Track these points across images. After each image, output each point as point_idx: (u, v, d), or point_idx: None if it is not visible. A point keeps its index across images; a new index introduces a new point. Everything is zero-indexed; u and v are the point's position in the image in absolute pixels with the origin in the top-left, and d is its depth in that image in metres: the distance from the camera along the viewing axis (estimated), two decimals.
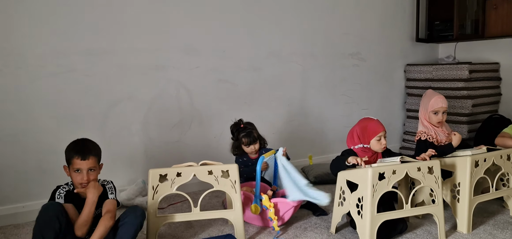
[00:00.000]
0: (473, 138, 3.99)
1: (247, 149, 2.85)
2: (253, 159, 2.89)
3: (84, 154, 2.01)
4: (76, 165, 2.01)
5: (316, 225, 2.58)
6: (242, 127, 2.86)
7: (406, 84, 4.58)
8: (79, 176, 2.01)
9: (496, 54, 4.34)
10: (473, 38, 4.32)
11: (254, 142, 2.85)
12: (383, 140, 2.35)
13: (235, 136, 2.87)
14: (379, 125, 2.36)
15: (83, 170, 2.01)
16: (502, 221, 2.58)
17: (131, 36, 2.98)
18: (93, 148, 2.08)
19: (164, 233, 2.48)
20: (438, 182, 2.26)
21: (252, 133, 2.85)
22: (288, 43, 3.73)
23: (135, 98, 3.04)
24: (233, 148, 2.91)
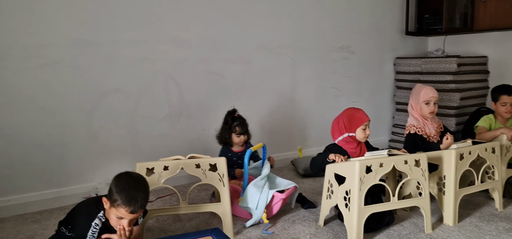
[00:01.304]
0: (461, 130, 4.03)
1: (237, 138, 2.84)
2: (237, 152, 2.89)
3: (135, 206, 1.75)
4: (122, 214, 1.76)
5: (305, 217, 2.59)
6: (236, 116, 2.87)
7: (396, 77, 4.60)
8: (120, 221, 1.78)
9: (484, 47, 4.37)
10: (462, 31, 4.34)
11: (245, 133, 2.86)
12: (368, 130, 2.41)
13: (229, 124, 2.86)
14: (364, 114, 2.42)
15: (126, 220, 1.78)
16: (487, 213, 2.61)
17: (119, 28, 2.95)
18: (145, 197, 1.80)
19: (152, 226, 2.47)
20: (424, 175, 2.28)
21: (246, 124, 2.87)
22: (278, 35, 3.72)
23: (123, 90, 3.01)
24: (222, 135, 2.89)
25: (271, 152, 3.63)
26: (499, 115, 3.01)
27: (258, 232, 2.37)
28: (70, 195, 2.82)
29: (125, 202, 1.74)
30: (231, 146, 2.89)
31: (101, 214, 1.84)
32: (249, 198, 2.45)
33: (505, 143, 2.75)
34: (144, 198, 1.79)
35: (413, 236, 2.30)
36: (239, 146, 2.90)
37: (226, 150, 2.88)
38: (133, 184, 1.79)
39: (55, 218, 2.52)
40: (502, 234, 2.31)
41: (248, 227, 2.44)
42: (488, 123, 2.99)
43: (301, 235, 2.33)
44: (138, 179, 1.83)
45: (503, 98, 2.95)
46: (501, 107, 2.96)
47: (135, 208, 1.75)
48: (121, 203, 1.74)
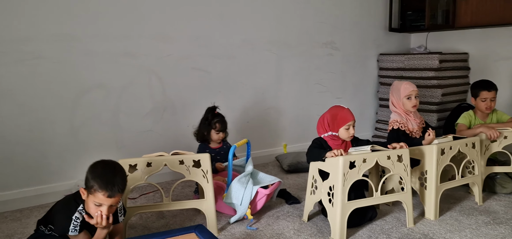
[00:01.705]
0: (442, 126, 4.09)
1: (216, 135, 2.83)
2: (215, 148, 2.87)
3: (112, 190, 1.73)
4: (99, 200, 1.73)
5: (289, 213, 2.60)
6: (216, 113, 2.86)
7: (379, 73, 4.64)
8: (98, 209, 1.76)
9: (466, 44, 4.44)
10: (444, 28, 4.40)
11: (224, 131, 2.86)
12: (352, 129, 2.37)
13: (209, 120, 2.84)
14: (349, 114, 2.38)
15: (105, 205, 1.76)
16: (467, 207, 2.66)
17: (101, 22, 2.90)
18: (122, 181, 1.79)
19: (135, 224, 2.45)
20: (407, 170, 2.31)
21: (225, 121, 2.87)
22: (263, 31, 3.71)
23: (105, 86, 2.97)
24: (200, 132, 2.86)
25: (256, 148, 3.63)
26: (479, 111, 3.05)
27: (242, 228, 2.37)
28: (51, 192, 2.77)
29: (102, 186, 1.72)
30: (209, 143, 2.88)
31: (81, 207, 1.82)
32: (233, 194, 2.44)
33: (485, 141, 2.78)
34: (121, 182, 1.77)
35: (395, 230, 2.33)
36: (216, 143, 2.89)
37: (204, 146, 2.86)
38: (109, 169, 1.78)
39: (36, 216, 2.48)
40: (481, 227, 2.35)
41: (233, 223, 2.44)
42: (468, 120, 3.04)
43: (285, 231, 2.34)
44: (114, 165, 1.82)
45: (483, 94, 2.98)
46: (481, 103, 2.99)
47: (112, 191, 1.73)
48: (98, 187, 1.72)
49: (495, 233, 2.28)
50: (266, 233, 2.31)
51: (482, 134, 2.78)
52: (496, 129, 2.78)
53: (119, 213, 1.96)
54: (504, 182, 2.86)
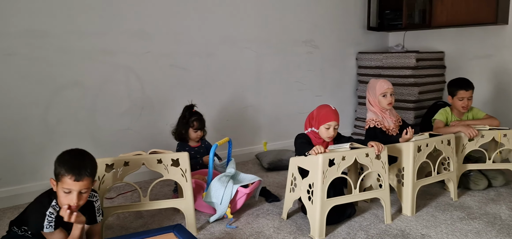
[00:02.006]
0: (419, 123, 4.16)
1: (194, 134, 2.82)
2: (194, 147, 2.86)
3: (79, 173, 1.69)
4: (67, 185, 1.70)
5: (268, 211, 2.60)
6: (194, 111, 2.84)
7: (358, 71, 4.69)
8: (68, 197, 1.71)
9: (442, 43, 4.53)
10: (421, 27, 4.48)
11: (202, 129, 2.85)
12: (332, 131, 2.37)
13: (187, 119, 2.82)
14: (332, 114, 2.38)
15: (74, 191, 1.71)
16: (443, 202, 2.71)
17: (76, 18, 2.84)
18: (90, 165, 1.76)
19: (112, 224, 2.41)
20: (385, 167, 2.34)
21: (203, 120, 2.85)
22: (242, 29, 3.70)
23: (81, 84, 2.91)
24: (178, 130, 2.85)
25: (236, 147, 3.62)
26: (456, 109, 3.11)
27: (222, 227, 2.36)
28: (25, 193, 2.70)
29: (69, 170, 1.69)
30: (187, 141, 2.86)
31: (54, 202, 1.78)
32: (213, 193, 2.43)
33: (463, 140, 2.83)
34: (89, 165, 1.75)
35: (373, 227, 2.36)
36: (195, 142, 2.88)
37: (183, 145, 2.84)
38: (76, 154, 1.76)
39: (8, 218, 2.41)
40: (456, 222, 2.41)
41: (212, 222, 2.42)
42: (445, 116, 3.09)
43: (265, 229, 2.34)
44: (81, 150, 1.80)
45: (461, 93, 3.00)
46: (459, 101, 3.03)
47: (80, 175, 1.70)
48: (65, 172, 1.69)
49: (470, 228, 2.33)
50: (245, 232, 2.31)
51: (461, 133, 2.83)
52: (474, 128, 2.82)
53: (97, 213, 1.92)
54: (477, 179, 2.93)
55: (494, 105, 4.13)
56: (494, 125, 2.97)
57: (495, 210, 2.58)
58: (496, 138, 2.84)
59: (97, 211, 1.91)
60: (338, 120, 2.39)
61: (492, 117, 3.05)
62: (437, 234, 2.25)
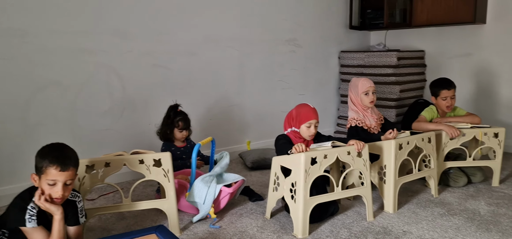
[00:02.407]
0: (400, 121, 4.22)
1: (179, 134, 2.80)
2: (179, 147, 2.85)
3: (64, 163, 1.68)
4: (52, 176, 1.68)
5: (252, 210, 2.60)
6: (178, 111, 2.82)
7: (340, 70, 4.72)
8: (53, 189, 1.69)
9: (422, 42, 4.60)
10: (402, 26, 4.54)
11: (187, 129, 2.83)
12: (313, 129, 2.39)
13: (171, 119, 2.80)
14: (312, 112, 2.40)
15: (59, 183, 1.70)
16: (424, 199, 2.76)
17: (56, 17, 2.78)
18: (73, 155, 1.76)
19: (94, 226, 2.37)
20: (366, 165, 2.36)
21: (188, 119, 2.83)
22: (225, 28, 3.69)
23: (61, 84, 2.86)
24: (163, 131, 2.82)
25: (219, 146, 3.61)
26: (440, 109, 3.13)
27: (205, 227, 2.35)
28: (3, 195, 2.63)
29: (53, 160, 1.68)
30: (173, 141, 2.84)
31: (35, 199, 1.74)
32: (197, 193, 2.42)
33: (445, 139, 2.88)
34: (72, 156, 1.75)
35: (356, 224, 2.38)
36: (180, 142, 2.86)
37: (168, 145, 2.82)
38: (58, 146, 1.75)
39: None
40: (437, 219, 2.45)
41: (195, 222, 2.41)
42: (431, 115, 3.10)
43: (249, 228, 2.34)
44: (61, 144, 1.79)
45: (443, 92, 3.04)
46: (442, 101, 3.06)
47: (64, 164, 1.69)
48: (49, 163, 1.67)
49: (450, 224, 2.37)
50: (229, 231, 2.30)
51: (443, 132, 2.87)
52: (456, 128, 2.86)
53: (80, 214, 1.89)
54: (456, 176, 2.98)
55: (475, 103, 4.22)
56: (475, 122, 3.02)
57: (474, 206, 2.63)
58: (477, 136, 2.89)
59: (80, 211, 1.88)
60: (317, 117, 2.42)
61: (473, 115, 3.11)
62: (418, 231, 2.29)
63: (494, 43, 4.05)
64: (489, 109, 4.12)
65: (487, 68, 4.13)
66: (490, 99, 4.13)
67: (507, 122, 3.99)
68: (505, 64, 4.00)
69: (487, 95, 4.15)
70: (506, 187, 3.00)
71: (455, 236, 2.22)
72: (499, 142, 2.94)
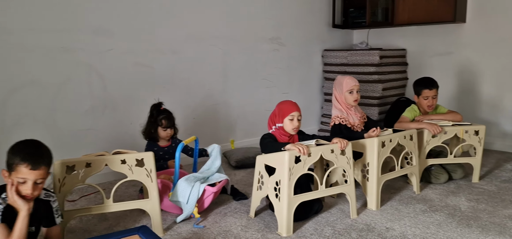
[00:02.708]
0: (383, 119, 4.26)
1: (163, 132, 2.76)
2: (164, 147, 2.82)
3: (36, 162, 1.64)
4: (22, 174, 1.63)
5: (236, 209, 2.58)
6: (162, 109, 2.78)
7: (324, 68, 4.75)
8: (23, 187, 1.65)
9: (404, 41, 4.65)
10: (384, 25, 4.58)
11: (171, 127, 2.79)
12: (296, 121, 2.39)
13: (155, 117, 2.76)
14: (293, 105, 2.41)
15: (29, 181, 1.65)
16: (406, 196, 2.79)
17: (34, 15, 2.72)
18: (46, 154, 1.71)
19: (75, 227, 2.33)
20: (350, 163, 2.38)
21: (172, 117, 2.79)
22: (208, 26, 3.66)
23: (39, 83, 2.79)
24: (147, 130, 2.79)
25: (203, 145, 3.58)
26: (422, 108, 3.16)
27: (189, 227, 2.33)
28: None
29: (24, 158, 1.63)
30: (158, 141, 2.80)
31: (4, 195, 1.70)
32: (180, 192, 2.39)
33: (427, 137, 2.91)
34: (45, 154, 1.71)
35: (340, 222, 2.39)
36: (165, 141, 2.82)
37: (152, 145, 2.78)
38: (31, 143, 1.71)
39: None
40: (419, 215, 2.48)
41: (179, 222, 2.38)
42: (413, 114, 3.14)
43: (233, 227, 2.33)
44: (35, 140, 1.74)
45: (425, 92, 3.07)
46: (424, 101, 3.09)
47: (35, 163, 1.64)
48: (20, 160, 1.63)
49: (431, 220, 2.41)
50: (213, 231, 2.28)
51: (425, 130, 2.91)
52: (438, 125, 2.90)
53: (56, 214, 1.84)
54: (438, 173, 3.02)
55: (456, 101, 4.29)
56: (457, 119, 3.06)
57: (455, 202, 2.67)
58: (459, 134, 2.94)
59: (55, 211, 1.84)
60: (299, 110, 2.42)
61: (455, 112, 3.15)
62: (400, 227, 2.31)
63: (474, 42, 4.13)
64: (470, 107, 4.19)
65: (468, 66, 4.21)
66: (471, 97, 4.21)
67: (488, 119, 4.07)
68: (485, 62, 4.08)
69: (468, 93, 4.23)
70: (486, 183, 3.05)
71: (436, 232, 2.25)
72: (480, 140, 2.99)
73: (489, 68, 4.06)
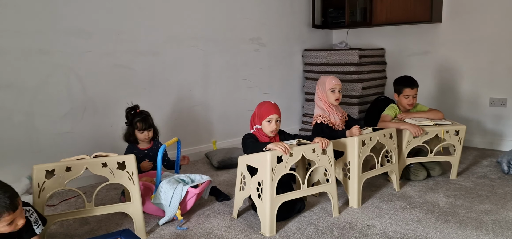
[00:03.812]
0: (363, 117, 4.33)
1: (141, 135, 2.72)
2: (144, 149, 2.78)
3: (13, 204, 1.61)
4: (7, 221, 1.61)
5: (219, 210, 2.58)
6: (138, 112, 2.74)
7: (304, 68, 4.78)
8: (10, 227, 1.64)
9: (382, 40, 4.73)
10: (362, 25, 4.65)
11: (149, 128, 2.74)
12: (274, 124, 2.39)
13: (130, 121, 2.73)
14: (272, 107, 2.41)
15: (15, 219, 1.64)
16: (387, 194, 2.84)
17: (7, 16, 2.65)
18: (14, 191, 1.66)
19: (55, 232, 2.29)
20: (331, 162, 2.41)
21: (148, 119, 2.75)
22: (188, 27, 3.64)
23: (16, 86, 2.73)
24: (126, 134, 2.76)
25: (185, 146, 3.57)
26: (402, 106, 3.21)
27: (172, 229, 2.32)
28: None
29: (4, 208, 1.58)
30: (138, 143, 2.77)
31: None
32: (162, 195, 2.38)
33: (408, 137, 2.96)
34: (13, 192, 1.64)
35: (322, 220, 2.42)
36: (145, 143, 2.79)
37: (131, 147, 2.75)
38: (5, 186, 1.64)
39: None
40: (399, 212, 2.53)
41: (162, 225, 2.37)
42: (394, 112, 3.18)
43: (216, 228, 2.33)
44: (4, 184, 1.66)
45: (406, 91, 3.11)
46: (404, 99, 3.14)
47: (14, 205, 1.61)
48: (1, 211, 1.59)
49: (411, 216, 2.46)
50: (196, 233, 2.28)
51: (406, 131, 2.96)
52: (419, 126, 2.94)
53: (35, 225, 1.80)
54: (417, 171, 3.09)
55: (435, 99, 4.38)
56: (438, 117, 3.12)
57: (434, 199, 2.73)
58: (440, 134, 3.00)
59: (34, 223, 1.79)
60: (279, 113, 2.42)
61: (436, 110, 3.21)
62: (381, 224, 2.35)
63: (450, 41, 4.23)
64: (449, 105, 4.29)
65: (445, 65, 4.31)
66: (449, 95, 4.31)
67: (466, 117, 4.18)
68: (462, 61, 4.19)
69: (447, 91, 4.33)
70: (463, 179, 3.14)
71: (416, 228, 2.30)
72: (460, 139, 3.05)
73: (466, 66, 4.17)
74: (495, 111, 4.05)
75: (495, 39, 3.96)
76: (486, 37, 4.00)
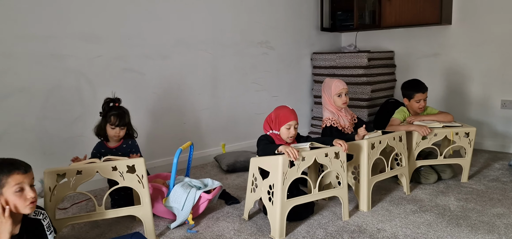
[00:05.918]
0: (373, 121, 4.31)
1: (111, 131, 2.52)
2: (112, 148, 2.60)
3: (24, 166, 1.63)
4: (18, 180, 1.61)
5: (228, 214, 2.59)
6: (116, 106, 2.56)
7: (313, 71, 4.78)
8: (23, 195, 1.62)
9: (391, 43, 4.71)
10: (371, 28, 4.63)
11: (122, 126, 2.53)
12: (293, 130, 2.39)
13: (105, 112, 2.53)
14: (291, 114, 2.40)
15: (26, 185, 1.64)
16: (397, 197, 2.82)
17: (21, 21, 2.69)
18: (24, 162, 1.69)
19: (67, 235, 2.31)
20: (343, 166, 2.39)
21: (124, 117, 2.54)
22: (197, 31, 3.66)
23: (28, 90, 2.76)
24: (98, 127, 2.58)
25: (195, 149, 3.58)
26: (413, 110, 3.16)
27: (182, 232, 2.33)
28: None
29: (13, 166, 1.61)
30: (107, 140, 2.61)
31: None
32: (176, 198, 2.38)
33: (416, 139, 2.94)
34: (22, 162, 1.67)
35: (332, 224, 2.41)
36: (115, 141, 2.59)
37: (99, 145, 2.60)
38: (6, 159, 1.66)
39: None
40: (409, 215, 2.51)
41: (173, 228, 2.38)
42: (403, 116, 3.16)
43: (226, 232, 2.33)
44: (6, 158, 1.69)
45: (418, 96, 3.07)
46: (415, 104, 3.09)
47: (23, 167, 1.63)
48: (11, 170, 1.61)
49: (422, 220, 2.44)
50: (206, 236, 2.29)
51: (415, 132, 2.94)
52: (428, 127, 2.92)
53: (48, 231, 1.78)
54: (427, 174, 3.06)
55: (445, 101, 4.35)
56: (448, 119, 3.09)
57: (445, 202, 2.71)
58: (449, 136, 2.97)
59: (47, 228, 1.78)
60: (297, 119, 2.42)
61: (446, 113, 3.17)
62: (391, 228, 2.34)
63: (460, 43, 4.20)
64: (459, 107, 4.25)
65: (454, 67, 4.27)
66: (459, 98, 4.27)
67: (477, 119, 4.14)
68: (472, 63, 4.15)
69: (456, 94, 4.29)
70: (474, 182, 3.10)
71: (427, 231, 2.28)
72: (470, 141, 3.03)
73: (476, 68, 4.13)
74: (507, 113, 4.01)
75: (506, 41, 3.92)
76: (497, 39, 3.96)
